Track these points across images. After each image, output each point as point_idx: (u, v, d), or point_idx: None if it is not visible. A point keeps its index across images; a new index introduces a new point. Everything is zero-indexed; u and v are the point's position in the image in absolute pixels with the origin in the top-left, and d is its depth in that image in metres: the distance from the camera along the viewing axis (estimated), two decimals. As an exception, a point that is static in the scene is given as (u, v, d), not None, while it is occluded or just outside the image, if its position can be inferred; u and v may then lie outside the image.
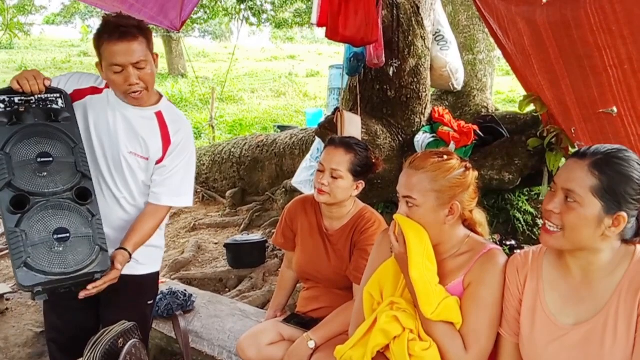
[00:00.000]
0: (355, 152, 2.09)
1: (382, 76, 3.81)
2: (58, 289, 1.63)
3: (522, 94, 9.18)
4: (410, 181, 1.53)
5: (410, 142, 3.94)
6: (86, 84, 1.93)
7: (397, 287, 1.60)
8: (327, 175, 2.07)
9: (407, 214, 1.53)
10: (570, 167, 1.31)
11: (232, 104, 11.48)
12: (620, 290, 1.28)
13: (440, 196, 1.51)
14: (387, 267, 1.65)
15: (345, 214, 2.17)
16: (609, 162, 1.26)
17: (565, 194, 1.29)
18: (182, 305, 2.83)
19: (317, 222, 2.24)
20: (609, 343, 1.26)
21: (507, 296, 1.47)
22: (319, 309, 2.22)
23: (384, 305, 1.56)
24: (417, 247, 1.51)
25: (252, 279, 3.76)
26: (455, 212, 1.53)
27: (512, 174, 3.52)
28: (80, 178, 1.72)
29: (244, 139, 5.78)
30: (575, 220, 1.27)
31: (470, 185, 1.56)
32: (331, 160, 2.08)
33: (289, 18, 16.62)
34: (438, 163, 1.53)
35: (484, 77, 4.70)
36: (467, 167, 1.56)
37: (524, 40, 2.77)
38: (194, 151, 2.09)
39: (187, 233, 4.97)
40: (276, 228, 2.41)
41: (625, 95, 2.43)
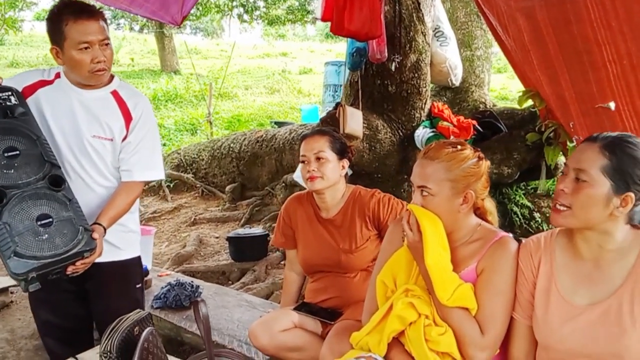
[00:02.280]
0: (329, 133, 2.23)
1: (383, 71, 3.86)
2: (49, 273, 1.66)
3: (514, 91, 9.24)
4: (425, 171, 1.56)
5: (410, 137, 4.00)
6: (33, 79, 1.95)
7: (410, 275, 1.64)
8: (313, 161, 2.15)
9: (421, 203, 1.57)
10: (582, 149, 1.37)
11: (227, 101, 11.47)
12: (636, 274, 1.32)
13: (455, 185, 1.54)
14: (399, 256, 1.68)
15: (340, 198, 2.24)
16: (619, 144, 1.32)
17: (576, 174, 1.34)
18: (190, 296, 2.86)
19: (315, 214, 2.29)
20: (628, 324, 1.30)
21: (521, 280, 1.51)
22: (329, 299, 2.25)
23: (398, 292, 1.60)
24: (432, 235, 1.55)
25: (254, 272, 3.79)
26: (469, 200, 1.57)
27: (510, 168, 3.59)
28: (49, 167, 1.75)
29: (243, 135, 5.81)
30: (584, 198, 1.32)
31: (483, 175, 1.60)
32: (311, 147, 2.17)
33: (281, 15, 16.59)
34: (452, 153, 1.56)
35: (482, 73, 4.77)
36: (480, 157, 1.60)
37: (524, 36, 2.81)
38: (156, 124, 2.12)
39: (187, 227, 5.00)
40: (274, 229, 2.46)
41: (624, 90, 2.48)
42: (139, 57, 18.33)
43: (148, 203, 5.77)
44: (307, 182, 2.18)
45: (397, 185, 4.04)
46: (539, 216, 3.99)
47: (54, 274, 1.68)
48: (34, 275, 1.60)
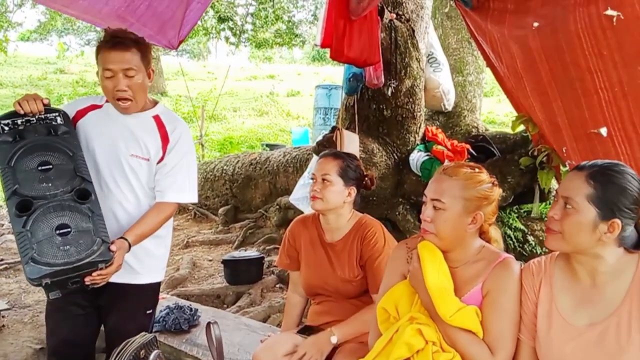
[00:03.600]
0: (343, 158, 2.24)
1: (378, 96, 3.92)
2: (66, 281, 1.73)
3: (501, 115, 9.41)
4: (441, 185, 1.62)
5: (405, 160, 4.05)
6: (86, 104, 2.11)
7: (412, 304, 1.66)
8: (319, 182, 2.19)
9: (431, 217, 1.62)
10: (570, 177, 1.46)
11: (216, 123, 11.49)
12: (632, 294, 1.38)
13: (467, 204, 1.59)
14: (401, 287, 1.70)
15: (345, 224, 2.24)
16: (604, 173, 1.39)
17: (564, 201, 1.42)
18: (189, 320, 2.84)
19: (319, 236, 2.30)
20: (626, 343, 1.35)
21: (525, 301, 1.56)
22: (331, 322, 2.22)
23: (404, 320, 1.61)
24: (430, 262, 1.61)
25: (250, 295, 3.77)
26: (477, 221, 1.61)
27: (505, 192, 3.64)
28: (80, 181, 1.85)
29: (237, 157, 5.82)
30: (572, 225, 1.40)
31: (494, 201, 1.66)
32: (322, 168, 2.21)
33: (269, 38, 16.74)
34: (470, 173, 1.63)
35: (474, 98, 4.88)
36: (494, 183, 1.66)
37: (517, 63, 2.87)
38: (194, 150, 2.20)
39: (180, 250, 4.96)
40: (279, 250, 2.46)
41: (616, 116, 2.53)
42: (125, 78, 18.21)
43: (140, 225, 5.69)
44: (311, 200, 2.21)
45: (392, 208, 4.07)
46: (533, 239, 4.04)
47: (72, 282, 1.75)
48: (48, 281, 1.67)
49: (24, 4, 15.61)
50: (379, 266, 2.11)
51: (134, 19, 3.99)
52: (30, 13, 39.61)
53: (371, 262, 2.14)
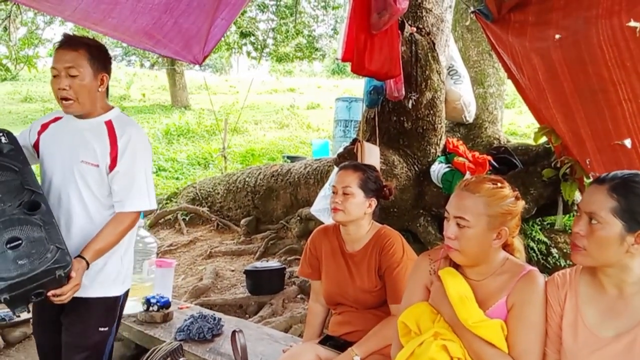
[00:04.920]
0: (363, 170, 2.26)
1: (399, 108, 3.94)
2: (27, 294, 1.70)
3: (522, 126, 9.31)
4: (464, 203, 1.61)
5: (426, 172, 4.05)
6: (51, 117, 2.15)
7: (434, 321, 1.65)
8: (340, 194, 2.21)
9: (456, 234, 1.61)
10: (591, 192, 1.45)
11: (238, 135, 11.62)
12: None
13: (492, 221, 1.58)
14: (422, 306, 1.71)
15: (364, 234, 2.26)
16: (626, 185, 1.38)
17: (589, 217, 1.41)
18: (212, 329, 2.86)
19: (339, 246, 2.32)
20: None
21: (550, 313, 1.55)
22: (352, 332, 2.25)
23: (428, 334, 1.60)
24: (452, 279, 1.63)
25: (272, 305, 3.80)
26: (502, 237, 1.60)
27: (527, 204, 3.62)
28: (29, 194, 1.83)
29: (258, 169, 5.88)
30: (598, 240, 1.39)
31: (518, 214, 1.65)
32: (342, 180, 2.23)
33: (290, 52, 16.91)
34: (493, 189, 1.61)
35: (495, 110, 4.86)
36: (517, 196, 1.64)
37: (539, 75, 2.86)
38: (148, 155, 2.13)
39: (203, 260, 5.02)
40: (301, 260, 2.48)
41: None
42: (150, 92, 18.65)
43: (164, 236, 5.81)
44: (331, 211, 2.24)
45: (412, 220, 4.06)
46: (556, 252, 3.98)
47: (34, 295, 1.72)
48: (6, 297, 1.64)
49: (54, 21, 16.10)
50: (398, 276, 2.13)
51: (161, 36, 4.10)
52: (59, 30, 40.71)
53: (390, 273, 2.16)
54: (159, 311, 3.12)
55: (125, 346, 3.31)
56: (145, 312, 3.13)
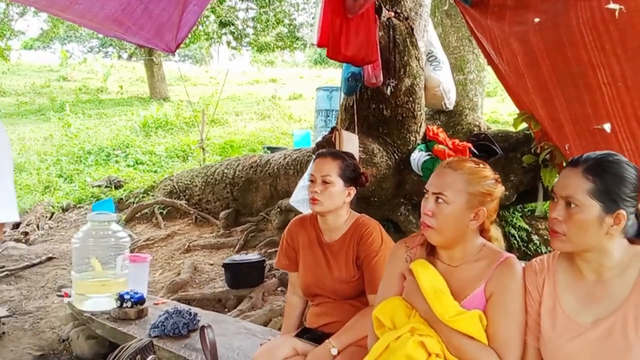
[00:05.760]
0: (342, 158, 2.19)
1: (378, 96, 3.88)
2: None
3: (504, 114, 9.34)
4: (445, 179, 1.58)
5: (406, 160, 4.01)
6: None
7: (410, 316, 1.61)
8: (319, 183, 2.13)
9: (433, 210, 1.57)
10: (565, 175, 1.42)
11: (218, 127, 11.48)
12: (638, 288, 1.35)
13: (471, 199, 1.56)
14: (397, 300, 1.66)
15: (342, 224, 2.21)
16: (600, 165, 1.36)
17: (565, 201, 1.39)
18: (188, 324, 2.80)
19: (317, 236, 2.27)
20: (633, 338, 1.32)
21: (528, 301, 1.52)
22: (330, 323, 2.21)
23: (404, 329, 1.56)
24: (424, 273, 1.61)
25: (251, 299, 3.73)
26: (479, 217, 1.58)
27: (508, 190, 3.59)
28: None
29: (237, 160, 5.78)
30: (577, 224, 1.36)
31: (497, 199, 1.62)
32: (320, 169, 2.15)
33: (270, 42, 16.76)
34: (475, 168, 1.59)
35: (475, 97, 4.83)
36: (497, 179, 1.62)
37: (518, 59, 2.83)
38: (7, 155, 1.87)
39: (181, 254, 4.92)
40: (278, 251, 2.42)
41: (619, 111, 2.49)
42: (128, 84, 18.34)
43: (141, 230, 5.69)
44: (310, 202, 2.17)
45: (393, 209, 4.03)
46: (537, 238, 3.99)
47: None
48: None
49: (26, 12, 15.70)
50: (376, 266, 2.08)
51: (130, 23, 3.97)
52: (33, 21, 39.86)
53: (368, 262, 2.11)
54: (132, 307, 3.04)
55: (99, 344, 3.23)
56: (118, 308, 3.05)
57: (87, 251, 3.24)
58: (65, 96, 15.94)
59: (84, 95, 16.32)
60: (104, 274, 3.23)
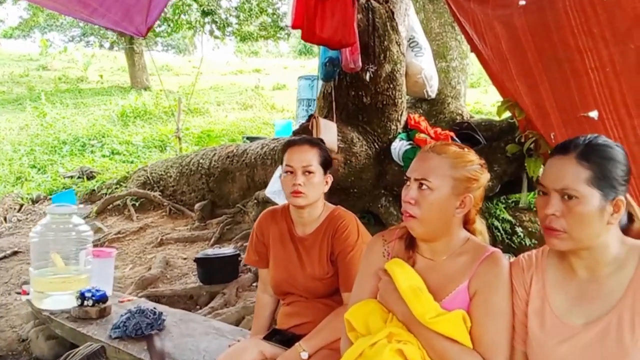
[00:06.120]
0: (319, 144, 2.06)
1: (357, 82, 3.75)
2: None
3: (488, 105, 9.28)
4: (428, 164, 1.47)
5: (387, 150, 3.89)
6: None
7: (386, 320, 1.49)
8: (300, 174, 1.97)
9: (416, 198, 1.45)
10: (556, 165, 1.28)
11: (198, 117, 11.28)
12: (635, 286, 1.23)
13: (457, 185, 1.45)
14: (371, 304, 1.54)
15: (317, 217, 2.07)
16: (593, 149, 1.25)
17: (561, 194, 1.26)
18: (152, 324, 2.62)
19: (288, 230, 2.13)
20: (629, 341, 1.21)
21: (515, 300, 1.41)
22: (301, 324, 2.07)
23: (381, 334, 1.43)
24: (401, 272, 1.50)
25: (224, 295, 3.57)
26: (465, 205, 1.47)
27: (491, 181, 3.48)
28: None
29: (213, 150, 5.62)
30: (578, 218, 1.24)
31: (482, 185, 1.52)
32: (301, 158, 1.99)
33: (254, 31, 16.58)
34: (460, 151, 1.49)
35: (458, 85, 4.72)
36: (482, 164, 1.53)
37: (502, 44, 2.73)
38: None
39: (153, 248, 4.73)
40: (247, 246, 2.28)
41: (607, 98, 2.41)
42: (109, 74, 18.02)
43: (112, 223, 5.49)
44: (290, 196, 2.00)
45: (373, 201, 3.91)
46: (521, 231, 3.90)
47: None
48: None
49: (5, 0, 15.23)
50: (351, 261, 1.94)
51: (97, 4, 3.76)
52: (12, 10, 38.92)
53: (342, 257, 1.98)
54: (94, 306, 2.86)
55: (59, 345, 3.04)
56: (79, 307, 2.87)
57: (47, 246, 3.04)
58: (44, 85, 15.60)
59: (64, 85, 15.98)
60: (65, 270, 3.04)
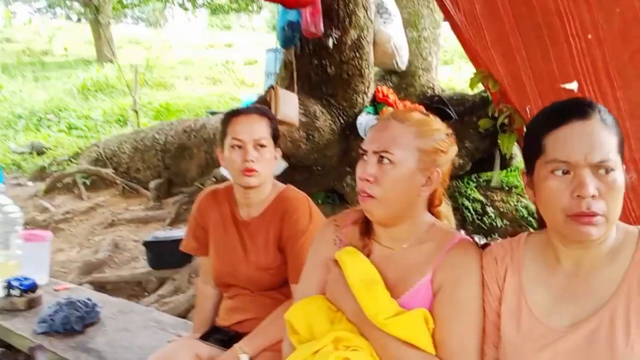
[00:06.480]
0: (268, 113, 1.83)
1: (320, 50, 3.52)
2: None
3: (462, 82, 9.11)
4: (390, 134, 1.25)
5: (352, 125, 3.72)
6: None
7: (333, 320, 1.28)
8: (251, 148, 1.72)
9: (375, 174, 1.24)
10: (585, 133, 1.03)
11: (163, 91, 10.87)
12: (630, 280, 1.06)
13: (423, 158, 1.25)
14: (317, 301, 1.33)
15: (265, 198, 1.84)
16: (604, 111, 1.06)
17: (596, 168, 1.01)
18: (83, 318, 2.35)
19: (231, 212, 1.89)
20: (621, 342, 1.02)
21: (486, 296, 1.21)
22: (245, 321, 1.84)
23: (327, 339, 1.22)
24: (353, 262, 1.30)
25: (175, 281, 3.34)
26: (432, 182, 1.27)
27: (462, 158, 3.33)
28: None
29: (170, 124, 5.36)
30: (618, 194, 1.03)
31: (450, 159, 1.33)
32: (252, 130, 1.73)
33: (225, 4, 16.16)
34: (425, 119, 1.30)
35: (429, 56, 4.52)
36: (449, 134, 1.32)
37: (476, 9, 2.54)
38: None
39: (103, 230, 4.46)
40: (185, 231, 2.04)
41: (589, 68, 2.25)
42: (75, 46, 17.35)
43: (60, 203, 5.16)
44: (240, 175, 1.74)
45: (338, 179, 3.75)
46: (493, 211, 3.78)
47: None
48: None
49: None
50: (302, 249, 1.70)
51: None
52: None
53: (292, 244, 1.76)
54: (21, 296, 2.56)
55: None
56: (5, 297, 2.57)
57: (-31, 229, 2.72)
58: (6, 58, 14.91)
59: (27, 58, 15.30)
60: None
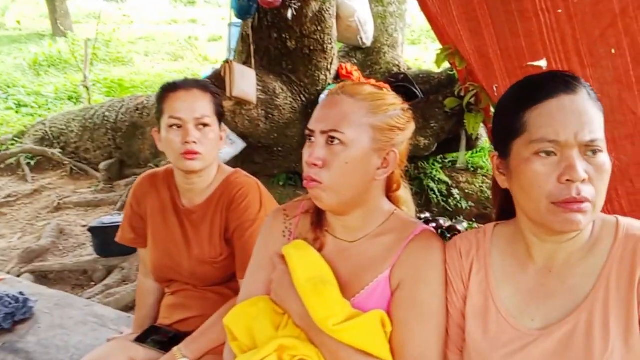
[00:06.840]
0: (210, 88, 1.63)
1: (279, 22, 3.33)
2: None
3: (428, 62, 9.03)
4: (339, 110, 1.11)
5: (314, 103, 3.54)
6: None
7: (279, 326, 1.15)
8: (192, 128, 1.53)
9: (324, 157, 1.09)
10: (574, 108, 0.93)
11: (120, 66, 10.41)
12: (608, 276, 0.97)
13: (377, 136, 1.12)
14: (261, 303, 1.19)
15: (210, 183, 1.67)
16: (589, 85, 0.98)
17: (585, 149, 0.92)
18: (13, 314, 2.16)
19: (172, 199, 1.71)
20: (599, 346, 0.94)
21: (450, 295, 1.11)
22: (188, 319, 1.69)
23: (269, 348, 1.08)
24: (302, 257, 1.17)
25: (123, 270, 3.16)
26: (389, 164, 1.14)
27: (427, 139, 3.22)
28: None
29: (121, 101, 5.10)
30: (607, 177, 0.94)
31: (408, 137, 1.19)
32: (191, 107, 1.54)
33: (188, -23, 15.64)
34: (377, 93, 1.15)
35: (395, 33, 4.39)
36: (406, 109, 1.18)
37: (443, -19, 2.40)
38: None
39: (48, 214, 4.20)
40: (122, 221, 1.84)
41: (558, 44, 2.16)
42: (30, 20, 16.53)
43: (2, 185, 4.86)
44: (180, 158, 1.54)
45: (300, 161, 3.56)
46: (458, 193, 3.72)
47: None
48: None
49: None
50: (250, 240, 1.55)
51: None
52: None
53: (240, 235, 1.60)
54: (-55, 290, 2.32)
55: None
56: None
57: None
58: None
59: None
60: None
